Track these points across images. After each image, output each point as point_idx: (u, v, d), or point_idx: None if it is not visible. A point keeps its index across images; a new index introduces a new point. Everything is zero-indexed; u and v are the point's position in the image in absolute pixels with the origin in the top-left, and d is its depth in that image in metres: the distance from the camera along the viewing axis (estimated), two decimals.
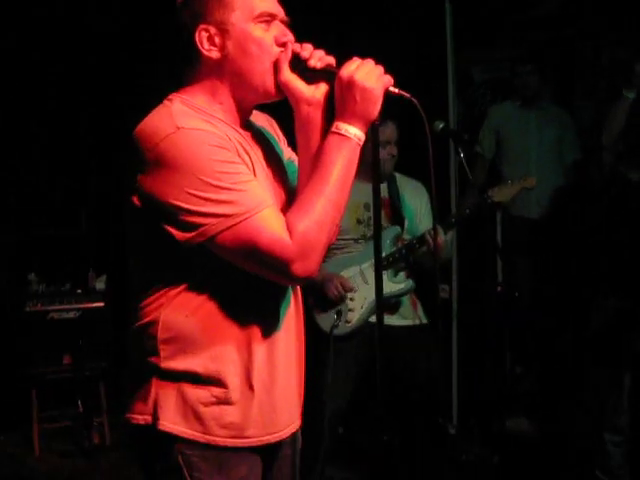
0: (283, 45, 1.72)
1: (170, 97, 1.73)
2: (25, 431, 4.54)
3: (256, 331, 1.72)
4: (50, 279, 4.63)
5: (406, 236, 3.58)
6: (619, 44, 4.71)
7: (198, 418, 1.68)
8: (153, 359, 1.68)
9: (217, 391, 1.68)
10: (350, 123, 1.66)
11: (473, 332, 4.64)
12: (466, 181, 3.69)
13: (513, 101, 4.84)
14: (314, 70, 1.70)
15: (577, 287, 4.31)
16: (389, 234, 3.52)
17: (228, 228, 1.58)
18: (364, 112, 1.65)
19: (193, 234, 1.59)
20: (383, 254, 3.41)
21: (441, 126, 3.29)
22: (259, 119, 1.89)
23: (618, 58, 4.72)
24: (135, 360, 1.75)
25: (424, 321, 3.64)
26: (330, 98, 1.72)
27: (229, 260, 1.63)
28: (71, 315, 4.51)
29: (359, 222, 3.52)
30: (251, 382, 1.71)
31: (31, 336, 4.45)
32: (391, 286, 3.47)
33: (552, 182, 4.64)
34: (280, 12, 1.76)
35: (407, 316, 3.60)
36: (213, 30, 1.70)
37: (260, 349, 1.72)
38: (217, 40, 1.70)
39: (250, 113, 1.81)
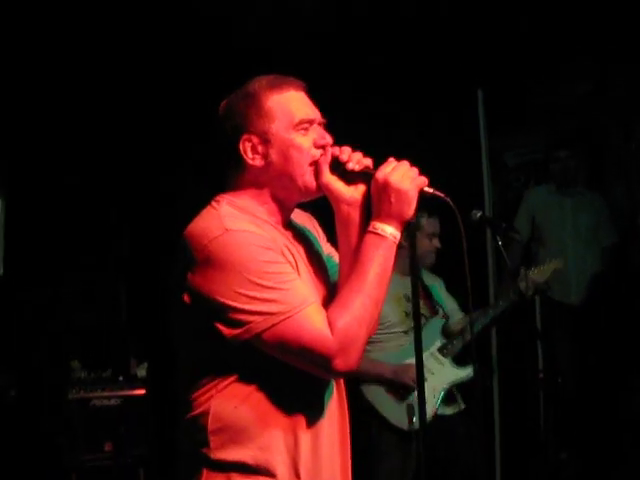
0: (322, 147, 1.81)
1: (218, 199, 1.83)
2: None
3: (301, 420, 1.76)
4: (92, 366, 4.69)
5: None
6: None
7: None
8: (204, 450, 1.73)
9: None
10: (386, 223, 1.73)
11: (516, 417, 4.58)
12: (503, 268, 3.74)
13: (548, 185, 4.89)
14: (352, 172, 1.78)
15: (619, 372, 4.26)
16: (436, 325, 3.63)
17: (273, 326, 1.64)
18: (399, 212, 1.73)
19: (240, 331, 1.65)
20: (439, 343, 3.59)
21: (478, 215, 3.33)
22: (300, 217, 1.97)
23: None
24: (186, 451, 1.79)
25: (462, 407, 3.67)
26: (368, 196, 1.80)
27: (274, 355, 1.69)
28: (112, 402, 4.53)
29: (407, 314, 3.57)
30: (298, 471, 1.75)
31: (73, 423, 4.48)
32: (457, 372, 3.56)
33: (589, 267, 4.66)
34: (317, 116, 1.85)
35: (453, 404, 3.64)
36: (256, 140, 1.80)
37: (305, 437, 1.76)
38: (260, 149, 1.80)
39: (292, 212, 1.90)
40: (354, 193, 1.81)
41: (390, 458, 3.42)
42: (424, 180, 1.75)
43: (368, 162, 1.80)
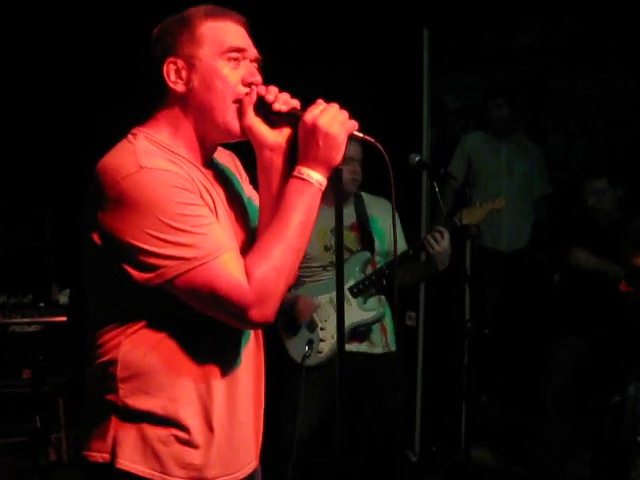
0: (249, 85, 1.70)
1: (134, 131, 1.71)
2: None
3: (215, 368, 1.70)
4: (12, 291, 4.55)
5: (377, 258, 3.52)
6: (592, 76, 4.78)
7: (157, 457, 1.65)
8: (112, 397, 1.66)
9: (177, 432, 1.67)
10: (312, 168, 1.64)
11: (439, 360, 4.63)
12: (437, 212, 3.70)
13: (485, 131, 4.88)
14: (279, 113, 1.68)
15: (542, 321, 4.32)
16: (358, 259, 3.47)
17: (186, 271, 1.56)
18: (327, 157, 1.64)
19: (151, 275, 1.57)
20: (353, 281, 3.42)
21: (417, 159, 3.27)
22: (222, 156, 1.87)
23: (591, 92, 4.79)
24: (94, 398, 1.72)
25: (392, 349, 3.55)
26: (294, 140, 1.70)
27: (187, 302, 1.61)
28: (32, 329, 4.43)
29: (326, 249, 3.44)
30: (211, 423, 1.70)
31: None
32: (362, 314, 3.42)
33: (522, 215, 4.68)
34: (250, 48, 1.74)
35: (377, 344, 3.53)
36: (181, 63, 1.69)
37: (219, 386, 1.71)
38: (184, 73, 1.70)
39: (213, 151, 1.80)
40: (278, 138, 1.70)
41: (290, 392, 3.34)
42: (354, 124, 1.66)
43: (295, 103, 1.69)
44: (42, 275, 4.78)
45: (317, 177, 1.64)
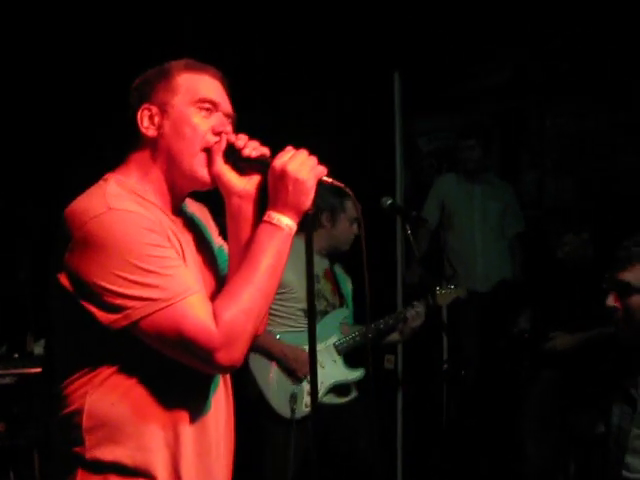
0: (219, 134, 1.72)
1: (106, 177, 1.73)
2: None
3: (184, 414, 1.68)
4: None
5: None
6: (565, 115, 4.85)
7: None
8: (78, 449, 1.63)
9: None
10: (282, 213, 1.66)
11: (418, 402, 4.61)
12: (411, 255, 3.75)
13: (457, 173, 4.92)
14: (248, 159, 1.70)
15: (518, 359, 4.33)
16: (339, 316, 3.57)
17: (153, 313, 1.55)
18: (296, 203, 1.66)
19: (117, 317, 1.55)
20: (336, 337, 3.53)
21: (389, 202, 3.31)
22: (191, 206, 1.89)
23: (564, 129, 4.85)
24: (60, 450, 1.69)
25: (355, 394, 3.64)
26: (263, 188, 1.72)
27: (153, 346, 1.59)
28: (7, 381, 4.35)
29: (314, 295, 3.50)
30: (179, 472, 1.66)
31: None
32: (347, 373, 3.52)
33: (496, 255, 4.70)
34: (224, 102, 1.78)
35: (345, 392, 3.61)
36: (155, 110, 1.74)
37: (188, 433, 1.68)
38: (156, 119, 1.73)
39: (182, 200, 1.81)
40: (247, 185, 1.73)
41: (274, 446, 3.37)
42: (323, 169, 1.68)
43: (265, 150, 1.72)
44: (17, 326, 4.72)
45: (287, 222, 1.66)
